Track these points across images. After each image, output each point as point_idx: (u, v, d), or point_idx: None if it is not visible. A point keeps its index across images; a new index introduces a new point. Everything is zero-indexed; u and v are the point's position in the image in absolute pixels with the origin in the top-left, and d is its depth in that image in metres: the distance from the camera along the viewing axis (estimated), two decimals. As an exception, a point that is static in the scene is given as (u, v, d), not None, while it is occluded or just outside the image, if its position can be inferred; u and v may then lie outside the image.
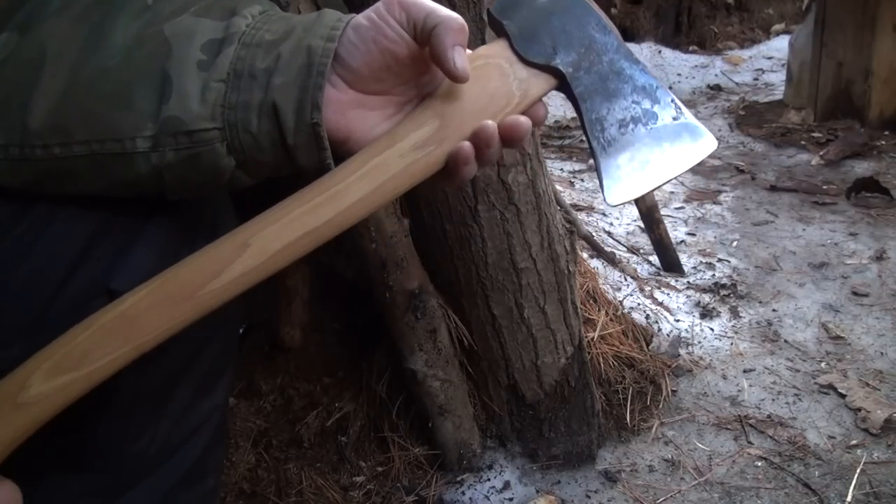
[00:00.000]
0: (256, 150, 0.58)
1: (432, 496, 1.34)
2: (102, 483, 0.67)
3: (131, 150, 0.56)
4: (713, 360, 1.75)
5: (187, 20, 0.57)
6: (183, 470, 0.72)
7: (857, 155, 3.01)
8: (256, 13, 0.59)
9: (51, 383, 0.54)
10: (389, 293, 1.26)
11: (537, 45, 0.62)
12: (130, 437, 0.67)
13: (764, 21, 5.41)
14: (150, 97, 0.56)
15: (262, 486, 1.36)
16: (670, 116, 0.64)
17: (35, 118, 0.55)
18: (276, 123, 0.57)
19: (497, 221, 1.23)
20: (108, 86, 0.56)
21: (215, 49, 0.56)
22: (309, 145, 0.58)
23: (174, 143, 0.56)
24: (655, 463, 1.43)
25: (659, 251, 2.17)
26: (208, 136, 0.57)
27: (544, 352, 1.35)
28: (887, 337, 1.79)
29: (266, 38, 0.57)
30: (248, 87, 0.56)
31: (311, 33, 0.57)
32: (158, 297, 0.56)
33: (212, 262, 0.57)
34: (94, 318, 0.56)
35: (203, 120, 0.56)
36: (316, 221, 0.58)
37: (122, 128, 0.56)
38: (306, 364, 1.49)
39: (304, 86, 0.56)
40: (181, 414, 0.70)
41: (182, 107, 0.56)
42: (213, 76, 0.56)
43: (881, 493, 1.31)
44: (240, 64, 0.56)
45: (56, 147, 0.56)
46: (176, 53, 0.56)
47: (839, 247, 2.28)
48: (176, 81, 0.55)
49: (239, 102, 0.56)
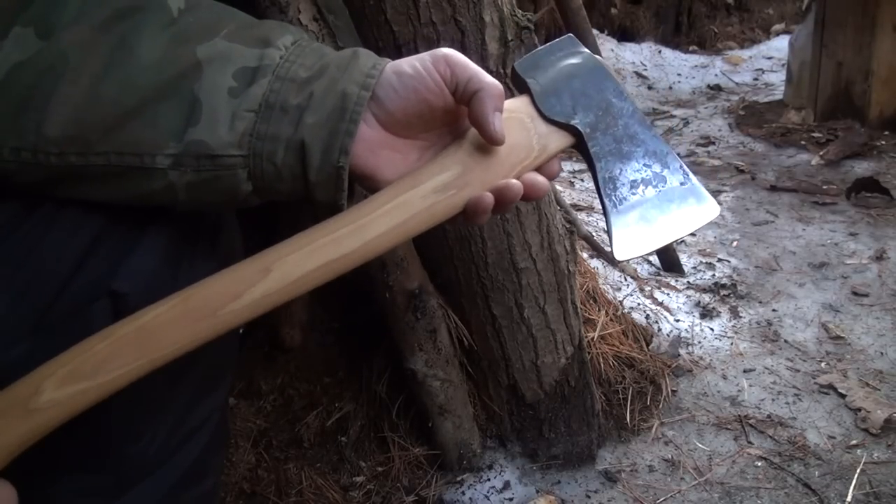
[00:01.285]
0: (276, 180, 0.60)
1: (432, 496, 1.34)
2: (102, 483, 0.67)
3: (150, 165, 0.57)
4: (713, 360, 1.75)
5: (221, 45, 0.57)
6: (183, 470, 0.72)
7: (857, 155, 3.01)
8: (290, 44, 0.60)
9: (63, 391, 0.54)
10: (389, 293, 1.26)
11: (558, 104, 0.66)
12: (130, 438, 0.67)
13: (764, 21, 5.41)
14: (176, 117, 0.56)
15: (262, 486, 1.36)
16: (678, 181, 0.68)
17: (53, 125, 0.56)
18: (300, 159, 0.58)
19: (497, 221, 1.23)
20: (133, 101, 0.56)
21: (248, 78, 0.57)
22: (328, 184, 0.60)
23: (196, 164, 0.57)
24: (655, 463, 1.43)
25: (659, 251, 2.17)
26: (232, 163, 0.58)
27: (544, 352, 1.35)
28: (887, 337, 1.79)
29: (300, 74, 0.58)
30: (279, 120, 0.57)
31: (346, 76, 0.59)
32: (178, 313, 0.57)
33: (234, 284, 0.58)
34: (113, 329, 0.56)
35: (230, 147, 0.57)
36: (338, 252, 0.59)
37: (144, 143, 0.57)
38: (306, 364, 1.49)
39: (335, 130, 0.58)
40: (181, 414, 0.70)
41: (210, 132, 0.56)
42: (244, 105, 0.57)
43: (881, 493, 1.31)
44: (272, 97, 0.57)
45: (73, 156, 0.57)
46: (207, 77, 0.56)
47: (839, 247, 2.28)
48: (206, 105, 0.56)
49: (268, 134, 0.58)
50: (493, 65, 1.12)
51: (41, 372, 0.55)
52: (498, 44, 1.12)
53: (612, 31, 4.99)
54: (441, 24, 1.07)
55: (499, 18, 1.11)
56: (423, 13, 1.06)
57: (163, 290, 0.63)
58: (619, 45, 4.67)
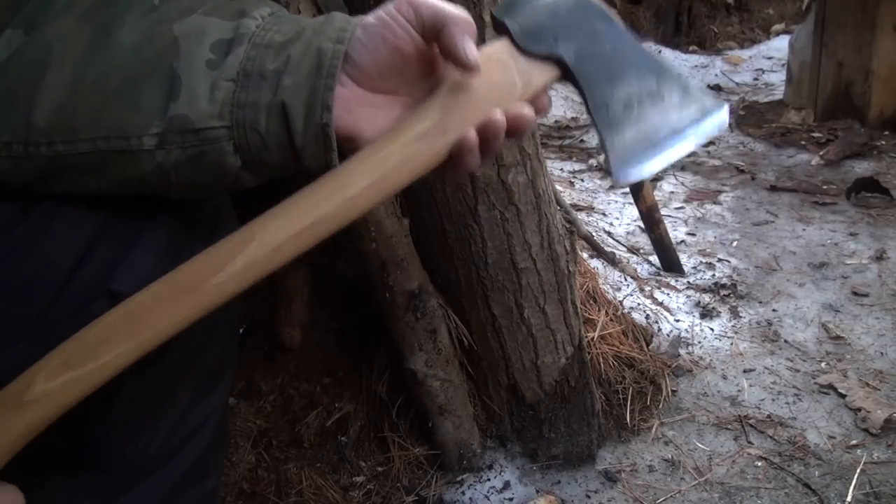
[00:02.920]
0: (263, 149, 0.59)
1: (432, 496, 1.34)
2: (102, 483, 0.67)
3: (137, 147, 0.57)
4: (713, 360, 1.75)
5: (197, 19, 0.57)
6: (183, 470, 0.72)
7: (857, 155, 3.01)
8: (266, 14, 0.59)
9: (56, 381, 0.54)
10: (389, 293, 1.26)
11: (539, 38, 0.63)
12: (130, 438, 0.67)
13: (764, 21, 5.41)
14: (157, 95, 0.56)
15: (262, 486, 1.36)
16: (678, 94, 0.64)
17: (40, 116, 0.56)
18: (284, 123, 0.58)
19: (497, 221, 1.23)
20: (115, 83, 0.56)
21: (225, 48, 0.57)
22: (317, 146, 0.59)
23: (181, 140, 0.57)
24: (655, 463, 1.43)
25: (659, 251, 2.17)
26: (216, 135, 0.57)
27: (544, 352, 1.35)
28: (887, 337, 1.79)
29: (276, 39, 0.58)
30: (258, 86, 0.57)
31: (320, 35, 0.58)
32: (163, 293, 0.56)
33: (216, 257, 0.57)
34: (102, 318, 0.56)
35: (211, 118, 0.56)
36: (319, 213, 0.58)
37: (129, 125, 0.56)
38: (306, 364, 1.49)
39: (314, 87, 0.57)
40: (181, 415, 0.70)
41: (190, 105, 0.56)
42: (223, 75, 0.56)
43: (881, 493, 1.31)
44: (249, 64, 0.57)
45: (60, 144, 0.56)
46: (185, 52, 0.56)
47: (839, 247, 2.28)
48: (185, 80, 0.56)
49: (248, 102, 0.57)
50: (493, 65, 1.12)
51: (35, 367, 0.55)
52: (498, 44, 1.12)
53: (612, 31, 4.98)
54: (441, 24, 1.07)
55: (499, 18, 1.11)
56: (423, 13, 1.06)
57: None
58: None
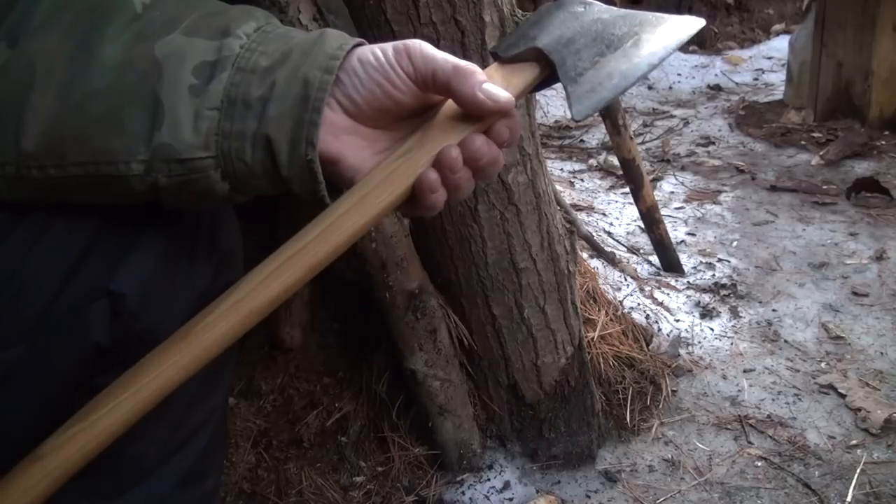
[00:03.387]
0: (251, 176, 0.58)
1: (432, 496, 1.34)
2: (102, 483, 0.67)
3: (126, 172, 0.56)
4: (713, 360, 1.75)
5: (178, 40, 0.55)
6: (183, 470, 0.72)
7: (857, 155, 3.01)
8: (251, 31, 0.57)
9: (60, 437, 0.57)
10: (389, 293, 1.26)
11: (517, 43, 0.64)
12: (130, 438, 0.67)
13: (764, 21, 5.41)
14: (141, 121, 0.55)
15: (262, 486, 1.36)
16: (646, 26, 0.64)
17: (28, 140, 0.55)
18: (269, 155, 0.56)
19: (497, 221, 1.23)
20: (99, 108, 0.55)
21: (207, 73, 0.55)
22: (303, 177, 0.57)
23: (167, 169, 0.55)
24: (655, 463, 1.43)
25: (659, 251, 2.17)
26: (202, 165, 0.56)
27: (544, 352, 1.35)
28: (887, 337, 1.79)
29: (261, 63, 0.55)
30: (242, 115, 0.55)
31: (309, 60, 0.55)
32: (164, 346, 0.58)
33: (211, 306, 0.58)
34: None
35: (196, 149, 0.55)
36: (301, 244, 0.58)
37: (116, 151, 0.55)
38: (306, 364, 1.49)
39: (299, 120, 0.55)
40: (181, 415, 0.70)
41: (174, 135, 0.54)
42: (206, 104, 0.54)
43: (881, 493, 1.31)
44: (233, 91, 0.55)
45: (51, 168, 0.56)
46: (167, 76, 0.54)
47: (839, 247, 2.28)
48: (168, 107, 0.54)
49: (233, 132, 0.55)
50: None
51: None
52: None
53: (612, 31, 4.98)
54: (441, 24, 1.07)
55: (499, 18, 1.10)
56: (423, 13, 1.06)
57: (161, 290, 0.63)
58: (619, 45, 4.66)
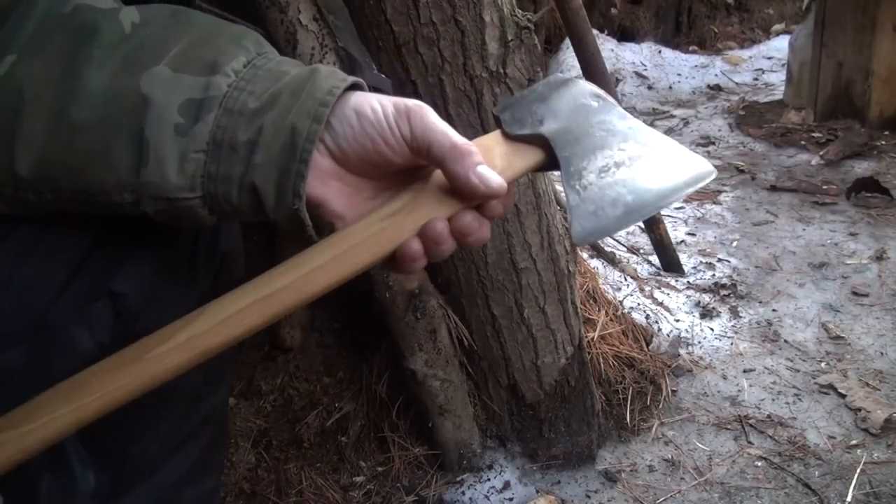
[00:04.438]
0: (237, 214, 0.58)
1: (432, 496, 1.34)
2: (103, 482, 0.67)
3: (119, 202, 0.56)
4: (713, 360, 1.75)
5: (165, 74, 0.54)
6: (183, 470, 0.72)
7: (857, 155, 3.01)
8: (241, 67, 0.55)
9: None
10: (389, 293, 1.26)
11: (524, 122, 0.62)
12: (131, 438, 0.67)
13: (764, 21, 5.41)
14: (128, 157, 0.54)
15: (262, 486, 1.36)
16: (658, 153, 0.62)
17: (22, 167, 0.54)
18: (256, 199, 0.56)
19: (497, 221, 1.23)
20: (87, 142, 0.54)
21: (194, 112, 0.54)
22: (290, 222, 0.57)
23: (154, 204, 0.55)
24: (655, 463, 1.43)
25: (659, 251, 2.17)
26: (189, 204, 0.56)
27: (544, 352, 1.35)
28: (887, 337, 1.79)
29: (249, 104, 0.54)
30: (229, 159, 0.55)
31: (298, 105, 0.54)
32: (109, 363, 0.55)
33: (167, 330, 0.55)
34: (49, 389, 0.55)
35: (182, 190, 0.55)
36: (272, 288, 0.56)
37: (105, 184, 0.55)
38: (306, 364, 1.49)
39: (286, 169, 0.54)
40: (181, 415, 0.70)
41: (160, 175, 0.54)
42: (192, 146, 0.54)
43: (881, 493, 1.31)
44: (220, 133, 0.54)
45: (48, 193, 0.56)
46: (152, 113, 0.53)
47: (839, 247, 2.28)
48: (153, 146, 0.53)
49: (220, 175, 0.55)
50: (493, 64, 1.12)
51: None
52: (498, 44, 1.12)
53: (612, 31, 4.98)
54: (441, 24, 1.07)
55: (499, 18, 1.11)
56: (423, 13, 1.06)
57: (163, 290, 0.64)
58: (619, 45, 4.66)
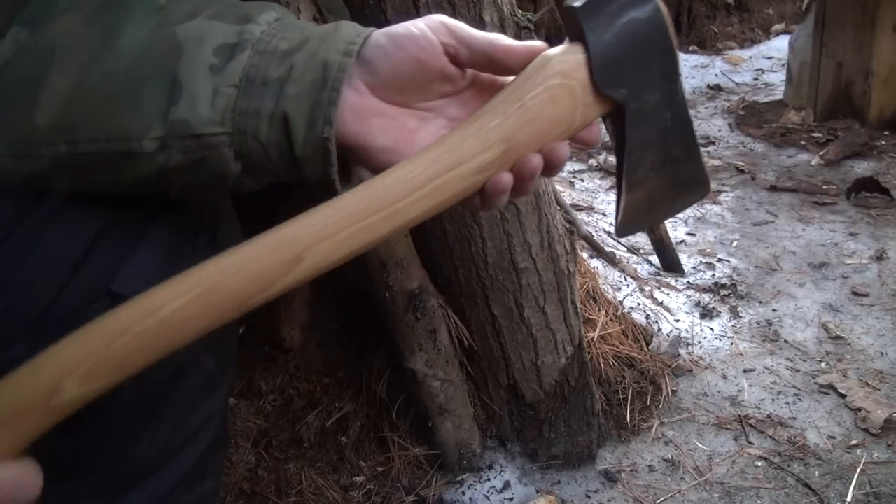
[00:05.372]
0: (264, 157, 0.58)
1: (432, 496, 1.34)
2: (102, 484, 0.68)
3: (138, 150, 0.56)
4: (713, 360, 1.75)
5: (201, 23, 0.57)
6: (183, 472, 0.72)
7: (857, 155, 3.01)
8: (272, 20, 0.58)
9: (88, 387, 0.53)
10: (389, 293, 1.26)
11: (614, 78, 0.60)
12: (131, 441, 0.67)
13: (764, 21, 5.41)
14: (158, 98, 0.55)
15: (262, 486, 1.36)
16: (691, 162, 0.66)
17: (43, 116, 0.55)
18: (285, 133, 0.57)
19: (497, 221, 1.23)
20: (118, 86, 0.55)
21: (228, 53, 0.56)
22: (316, 158, 0.58)
23: (181, 145, 0.56)
24: (655, 463, 1.43)
25: (659, 251, 2.17)
26: (216, 141, 0.56)
27: (544, 352, 1.35)
28: (887, 337, 1.79)
29: (281, 46, 0.57)
30: (260, 94, 0.56)
31: (326, 45, 0.57)
32: (203, 306, 0.55)
33: (264, 276, 0.55)
34: (129, 320, 0.54)
35: (212, 124, 0.56)
36: (369, 238, 0.57)
37: (130, 128, 0.56)
38: (306, 364, 1.49)
39: (317, 100, 0.56)
40: (181, 418, 0.70)
41: (191, 110, 0.55)
42: (225, 81, 0.56)
43: (881, 493, 1.31)
44: (253, 70, 0.56)
45: (63, 145, 0.56)
46: (187, 56, 0.55)
47: (839, 247, 2.28)
48: (186, 84, 0.55)
49: (250, 109, 0.56)
50: (493, 65, 1.12)
51: (56, 364, 0.53)
52: (498, 44, 1.12)
53: (612, 31, 4.98)
54: (441, 24, 1.07)
55: (499, 18, 1.10)
56: (423, 13, 1.06)
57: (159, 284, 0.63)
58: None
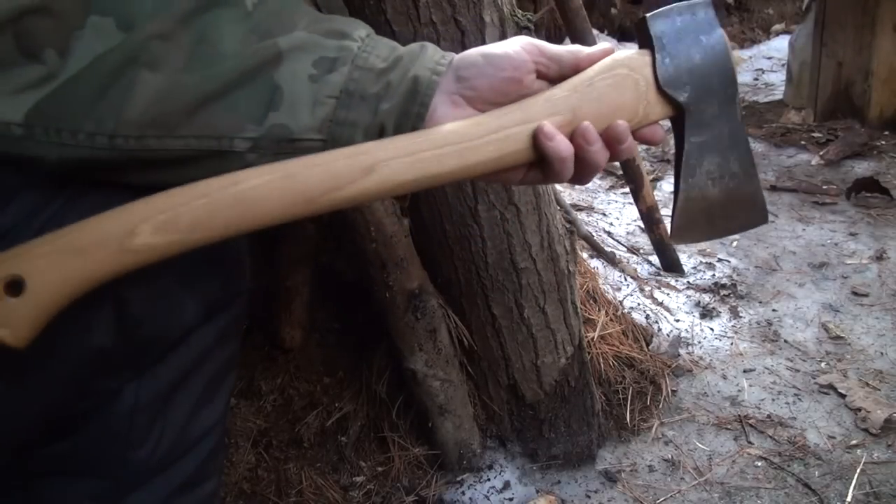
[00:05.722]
0: None
1: (432, 496, 1.34)
2: (104, 487, 0.67)
3: (228, 148, 0.58)
4: (713, 360, 1.75)
5: (302, 35, 0.60)
6: (185, 475, 0.72)
7: (857, 155, 3.01)
8: (364, 35, 0.63)
9: (158, 238, 0.55)
10: (389, 293, 1.26)
11: (677, 79, 0.65)
12: (133, 445, 0.67)
13: (764, 21, 5.41)
14: (257, 102, 0.58)
15: (262, 486, 1.36)
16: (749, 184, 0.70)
17: (135, 109, 0.56)
18: None
19: (497, 221, 1.23)
20: (214, 86, 0.57)
21: (328, 66, 0.60)
22: None
23: (276, 147, 0.59)
24: (655, 463, 1.43)
25: (659, 251, 2.17)
26: (310, 146, 0.60)
27: (544, 352, 1.35)
28: (887, 337, 1.79)
29: (377, 64, 0.62)
30: (358, 107, 0.61)
31: (416, 64, 0.63)
32: (278, 190, 0.58)
33: (338, 176, 0.59)
34: (210, 187, 0.57)
35: (311, 131, 0.60)
36: (439, 168, 0.61)
37: (223, 127, 0.58)
38: (306, 364, 1.49)
39: (407, 112, 0.62)
40: (183, 422, 0.70)
41: (292, 116, 0.59)
42: (325, 92, 0.60)
43: (881, 493, 1.31)
44: (352, 85, 0.60)
45: (152, 139, 0.57)
46: (288, 65, 0.59)
47: (839, 247, 2.28)
48: (287, 91, 0.59)
49: (348, 120, 0.61)
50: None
51: (135, 211, 0.55)
52: (498, 44, 1.12)
53: (612, 31, 4.99)
54: (441, 24, 1.07)
55: (499, 18, 1.10)
56: (423, 13, 1.06)
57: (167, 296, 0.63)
58: (619, 45, 4.67)
